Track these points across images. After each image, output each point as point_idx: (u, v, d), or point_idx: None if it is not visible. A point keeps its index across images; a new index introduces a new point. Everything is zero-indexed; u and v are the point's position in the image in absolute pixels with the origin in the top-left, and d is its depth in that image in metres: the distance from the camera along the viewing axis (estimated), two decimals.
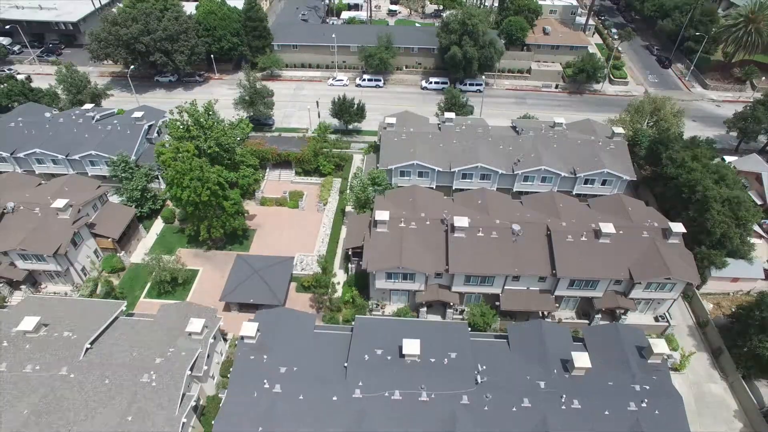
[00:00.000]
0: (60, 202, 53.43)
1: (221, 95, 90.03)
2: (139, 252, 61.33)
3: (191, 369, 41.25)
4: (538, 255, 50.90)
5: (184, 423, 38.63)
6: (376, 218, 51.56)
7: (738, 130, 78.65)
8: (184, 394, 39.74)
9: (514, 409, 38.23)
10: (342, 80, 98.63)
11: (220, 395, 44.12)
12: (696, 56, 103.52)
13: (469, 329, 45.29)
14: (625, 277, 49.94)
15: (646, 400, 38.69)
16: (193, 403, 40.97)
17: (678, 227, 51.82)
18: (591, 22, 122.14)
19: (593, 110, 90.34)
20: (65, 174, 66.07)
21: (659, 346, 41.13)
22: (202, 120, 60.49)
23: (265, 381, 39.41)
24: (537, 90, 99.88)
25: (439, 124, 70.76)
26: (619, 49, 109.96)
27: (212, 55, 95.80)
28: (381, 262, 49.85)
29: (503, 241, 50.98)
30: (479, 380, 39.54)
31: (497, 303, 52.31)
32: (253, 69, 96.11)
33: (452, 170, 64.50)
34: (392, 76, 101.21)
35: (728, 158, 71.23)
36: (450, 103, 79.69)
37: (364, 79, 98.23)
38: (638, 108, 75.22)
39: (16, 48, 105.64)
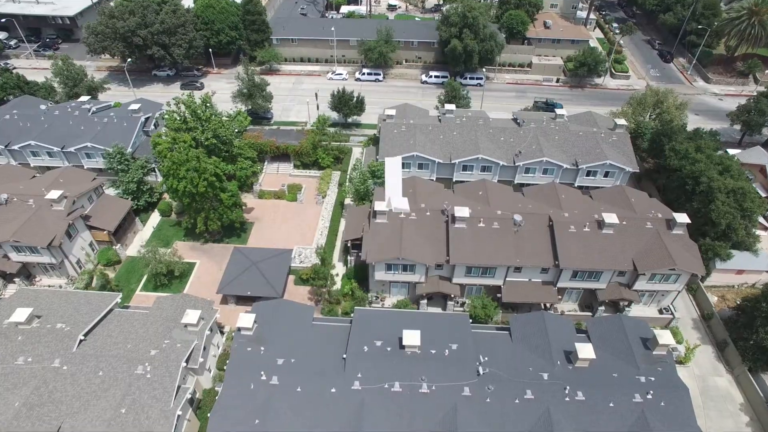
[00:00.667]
0: (54, 194, 52.60)
1: (219, 89, 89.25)
2: (136, 245, 60.43)
3: (187, 361, 40.36)
4: (540, 246, 50.00)
5: (179, 416, 37.77)
6: (375, 209, 50.72)
7: (741, 122, 77.82)
8: (179, 387, 38.87)
9: (517, 401, 37.32)
10: (341, 74, 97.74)
11: (216, 388, 43.27)
12: (698, 50, 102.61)
13: (470, 321, 44.43)
14: (628, 268, 49.07)
15: (651, 392, 37.78)
16: (188, 396, 40.07)
17: (682, 218, 50.96)
18: (592, 16, 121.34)
19: (594, 104, 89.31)
20: (61, 166, 65.18)
21: (664, 337, 40.23)
22: (199, 111, 59.71)
23: (263, 373, 38.45)
24: (538, 84, 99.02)
25: (439, 116, 69.87)
26: (621, 43, 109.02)
27: (210, 49, 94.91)
28: (380, 254, 48.97)
29: (505, 231, 50.14)
30: (481, 372, 38.67)
31: (499, 295, 51.40)
32: (252, 63, 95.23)
33: (453, 162, 63.66)
34: (392, 70, 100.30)
35: (732, 151, 70.24)
36: (450, 96, 78.81)
37: (363, 73, 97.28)
38: (641, 100, 74.38)
39: (12, 42, 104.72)
